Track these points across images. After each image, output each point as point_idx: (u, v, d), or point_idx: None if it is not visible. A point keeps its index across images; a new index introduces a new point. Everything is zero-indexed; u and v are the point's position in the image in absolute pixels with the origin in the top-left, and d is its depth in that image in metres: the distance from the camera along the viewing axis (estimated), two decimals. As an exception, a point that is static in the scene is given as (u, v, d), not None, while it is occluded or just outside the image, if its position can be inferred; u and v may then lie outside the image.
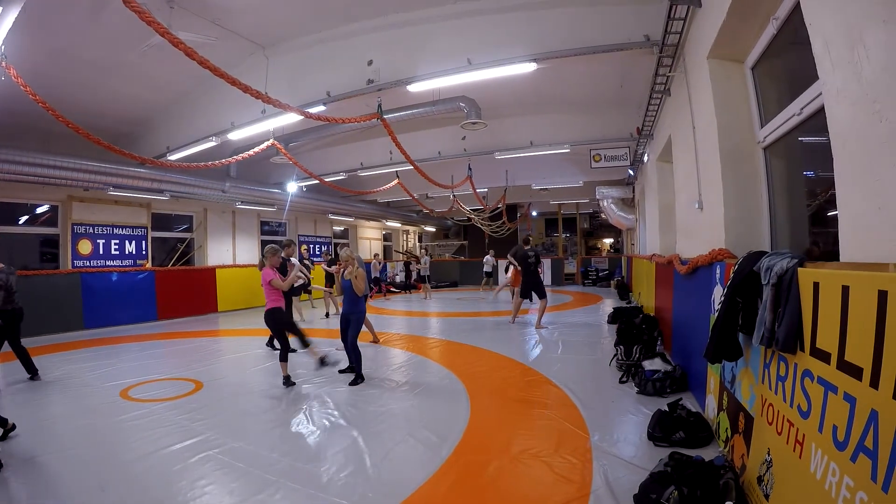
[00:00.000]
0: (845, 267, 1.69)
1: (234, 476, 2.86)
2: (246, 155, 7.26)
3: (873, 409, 1.41)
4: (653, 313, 6.66)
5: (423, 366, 5.67)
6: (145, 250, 11.23)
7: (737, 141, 3.44)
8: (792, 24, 2.68)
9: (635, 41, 4.90)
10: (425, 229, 24.85)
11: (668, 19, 3.97)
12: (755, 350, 2.40)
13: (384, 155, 10.57)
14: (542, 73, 6.11)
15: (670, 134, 5.66)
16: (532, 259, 8.07)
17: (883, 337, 1.38)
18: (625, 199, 12.92)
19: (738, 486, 2.26)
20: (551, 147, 9.47)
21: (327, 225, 17.34)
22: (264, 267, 4.81)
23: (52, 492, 2.70)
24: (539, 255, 8.11)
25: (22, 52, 5.10)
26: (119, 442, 3.41)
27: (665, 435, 3.10)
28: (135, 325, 9.49)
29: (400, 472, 2.89)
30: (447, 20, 5.70)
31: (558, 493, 2.57)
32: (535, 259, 8.10)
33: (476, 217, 15.96)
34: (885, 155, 1.58)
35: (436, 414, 3.90)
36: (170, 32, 3.43)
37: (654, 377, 4.21)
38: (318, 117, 5.71)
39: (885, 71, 1.56)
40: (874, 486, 1.36)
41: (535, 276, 8.10)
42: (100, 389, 4.81)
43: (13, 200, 9.19)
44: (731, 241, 3.36)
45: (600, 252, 22.38)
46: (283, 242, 7.02)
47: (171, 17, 5.14)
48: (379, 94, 6.03)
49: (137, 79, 7.05)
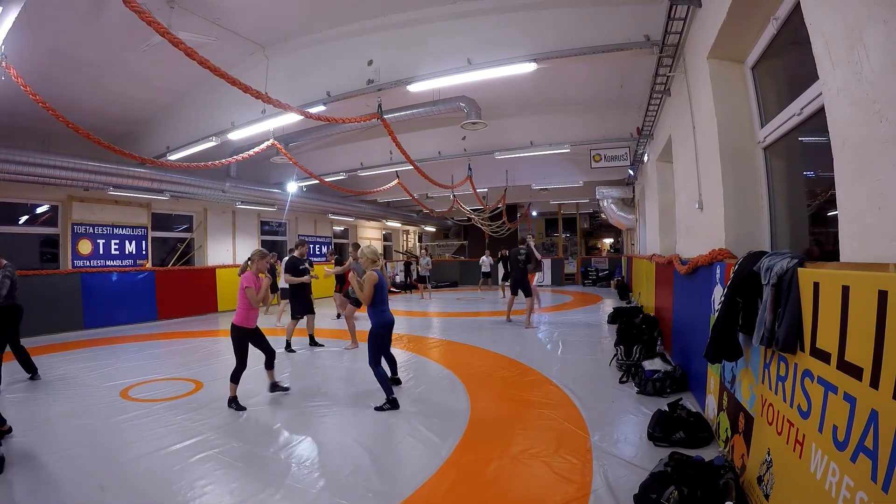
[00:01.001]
0: (845, 267, 1.69)
1: (234, 476, 2.86)
2: (246, 155, 7.27)
3: (873, 409, 1.40)
4: (653, 313, 6.66)
5: (423, 366, 5.67)
6: (145, 250, 11.24)
7: (737, 141, 3.44)
8: (792, 24, 2.68)
9: (635, 41, 4.90)
10: (425, 229, 24.84)
11: (668, 19, 3.97)
12: (755, 350, 2.40)
13: (384, 155, 10.56)
14: (542, 73, 6.11)
15: (670, 134, 5.66)
16: (522, 257, 8.26)
17: (883, 337, 1.38)
18: (625, 199, 12.92)
19: (738, 486, 2.26)
20: (551, 147, 9.47)
21: (327, 225, 17.34)
22: (246, 271, 4.20)
23: (52, 492, 2.70)
24: (530, 255, 8.26)
25: (22, 52, 5.10)
26: (119, 442, 3.40)
27: (665, 435, 3.10)
28: (135, 325, 9.49)
29: (400, 472, 2.89)
30: (447, 20, 5.69)
31: (558, 493, 2.57)
32: (524, 257, 8.26)
33: (476, 217, 15.96)
34: (885, 155, 1.58)
35: (436, 414, 3.90)
36: (170, 32, 3.43)
37: (654, 377, 4.21)
38: (318, 117, 5.71)
39: (885, 71, 1.56)
40: (874, 486, 1.36)
41: (522, 273, 8.29)
42: (100, 389, 4.81)
43: (13, 200, 9.20)
44: (731, 241, 3.36)
45: (600, 252, 22.37)
46: (297, 243, 7.07)
47: (171, 17, 5.14)
48: (379, 94, 6.03)
49: (137, 79, 7.05)
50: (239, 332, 4.17)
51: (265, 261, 4.35)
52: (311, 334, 6.88)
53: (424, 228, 24.51)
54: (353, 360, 6.04)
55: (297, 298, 6.64)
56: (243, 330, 4.18)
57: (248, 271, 4.22)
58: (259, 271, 4.29)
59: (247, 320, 4.19)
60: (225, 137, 7.38)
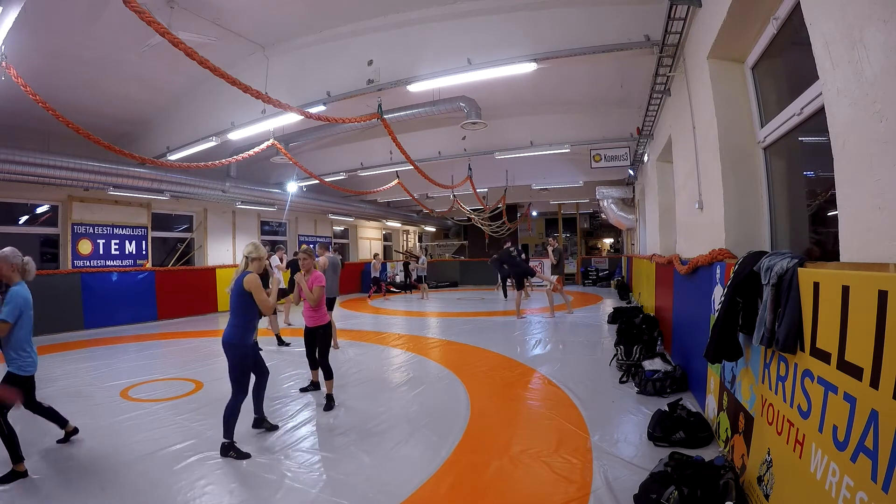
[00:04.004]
0: (845, 267, 1.69)
1: (234, 476, 2.86)
2: (246, 155, 7.27)
3: (873, 409, 1.40)
4: (653, 313, 6.66)
5: (422, 366, 5.67)
6: (145, 250, 11.23)
7: (737, 141, 3.44)
8: (792, 24, 2.68)
9: (635, 41, 4.90)
10: (425, 229, 24.85)
11: (668, 19, 3.97)
12: (755, 350, 2.40)
13: (384, 155, 10.56)
14: (542, 73, 6.11)
15: (670, 134, 5.66)
16: (514, 253, 9.91)
17: (883, 337, 1.38)
18: (625, 199, 12.91)
19: (738, 486, 2.26)
20: (551, 147, 9.47)
21: (327, 225, 17.35)
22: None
23: (53, 492, 2.70)
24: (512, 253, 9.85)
25: (22, 52, 5.10)
26: (119, 442, 3.40)
27: (665, 435, 3.10)
28: (135, 325, 9.49)
29: (400, 472, 2.89)
30: (447, 20, 5.69)
31: (558, 493, 2.57)
32: (517, 253, 9.83)
33: (476, 217, 15.96)
34: (885, 155, 1.58)
35: (436, 414, 3.90)
36: (170, 32, 3.43)
37: (654, 377, 4.21)
38: (318, 117, 5.71)
39: (885, 71, 1.56)
40: (874, 486, 1.36)
41: (518, 266, 9.78)
42: (100, 389, 4.81)
43: (13, 200, 9.20)
44: (731, 241, 3.36)
45: (600, 252, 22.36)
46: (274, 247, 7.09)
47: (171, 17, 5.14)
48: (379, 94, 6.03)
49: (137, 79, 7.05)
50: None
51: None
52: (276, 334, 6.97)
53: (424, 228, 24.51)
54: (345, 359, 6.03)
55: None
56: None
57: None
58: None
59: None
60: (225, 137, 7.38)
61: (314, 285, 4.18)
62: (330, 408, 4.08)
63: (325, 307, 4.33)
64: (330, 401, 4.14)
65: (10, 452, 2.83)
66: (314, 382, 4.62)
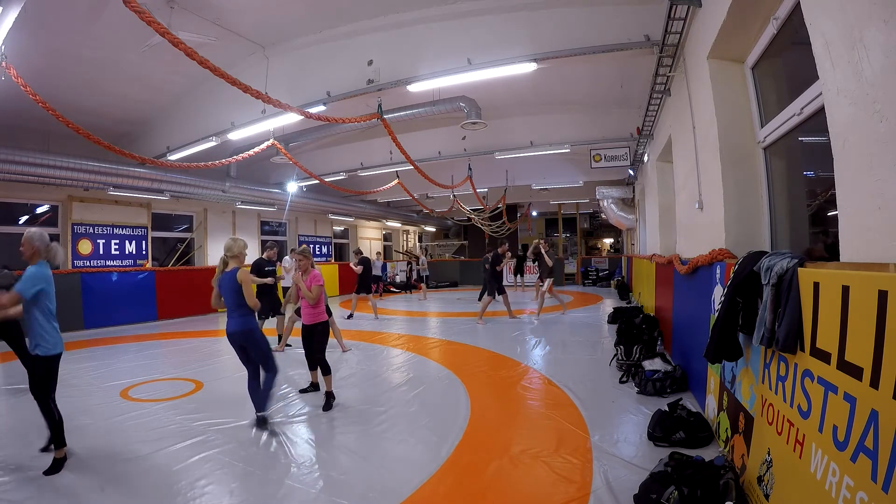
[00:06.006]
0: (845, 267, 1.69)
1: (234, 476, 2.86)
2: (246, 155, 7.26)
3: (873, 409, 1.41)
4: (653, 313, 6.66)
5: (422, 365, 5.67)
6: (145, 250, 11.23)
7: (737, 141, 3.44)
8: (792, 24, 2.68)
9: (635, 41, 4.90)
10: (425, 229, 24.84)
11: (668, 19, 3.97)
12: (755, 350, 2.40)
13: (384, 155, 10.56)
14: (542, 73, 6.11)
15: (670, 134, 5.66)
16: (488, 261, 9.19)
17: (883, 337, 1.38)
18: (625, 199, 12.91)
19: (738, 486, 2.26)
20: (551, 147, 9.47)
21: (327, 225, 17.34)
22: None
23: (52, 492, 2.70)
24: (497, 259, 9.04)
25: (22, 52, 5.10)
26: (119, 442, 3.41)
27: (665, 435, 3.10)
28: (135, 325, 9.49)
29: (400, 472, 2.88)
30: (447, 20, 5.69)
31: (558, 493, 2.57)
32: (491, 261, 9.02)
33: (476, 217, 15.96)
34: (885, 155, 1.58)
35: (436, 414, 3.90)
36: (170, 32, 3.43)
37: (654, 377, 4.21)
38: (318, 117, 5.70)
39: (885, 71, 1.56)
40: (874, 486, 1.36)
41: (490, 275, 9.13)
42: (100, 389, 4.81)
43: (13, 200, 9.20)
44: (731, 241, 3.36)
45: (600, 252, 22.36)
46: (268, 246, 7.06)
47: (171, 17, 5.14)
48: (379, 94, 6.03)
49: (137, 79, 7.05)
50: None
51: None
52: (280, 335, 6.91)
53: (424, 228, 24.51)
54: (344, 360, 6.03)
55: (263, 298, 6.58)
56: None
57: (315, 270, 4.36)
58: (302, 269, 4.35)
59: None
60: (225, 137, 7.38)
61: (313, 284, 4.27)
62: (329, 406, 4.08)
63: (324, 305, 4.44)
64: (329, 398, 4.15)
65: (56, 438, 2.98)
66: (314, 384, 4.62)
